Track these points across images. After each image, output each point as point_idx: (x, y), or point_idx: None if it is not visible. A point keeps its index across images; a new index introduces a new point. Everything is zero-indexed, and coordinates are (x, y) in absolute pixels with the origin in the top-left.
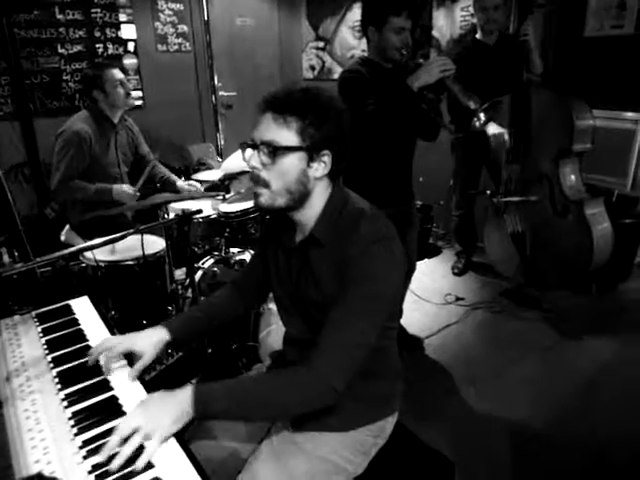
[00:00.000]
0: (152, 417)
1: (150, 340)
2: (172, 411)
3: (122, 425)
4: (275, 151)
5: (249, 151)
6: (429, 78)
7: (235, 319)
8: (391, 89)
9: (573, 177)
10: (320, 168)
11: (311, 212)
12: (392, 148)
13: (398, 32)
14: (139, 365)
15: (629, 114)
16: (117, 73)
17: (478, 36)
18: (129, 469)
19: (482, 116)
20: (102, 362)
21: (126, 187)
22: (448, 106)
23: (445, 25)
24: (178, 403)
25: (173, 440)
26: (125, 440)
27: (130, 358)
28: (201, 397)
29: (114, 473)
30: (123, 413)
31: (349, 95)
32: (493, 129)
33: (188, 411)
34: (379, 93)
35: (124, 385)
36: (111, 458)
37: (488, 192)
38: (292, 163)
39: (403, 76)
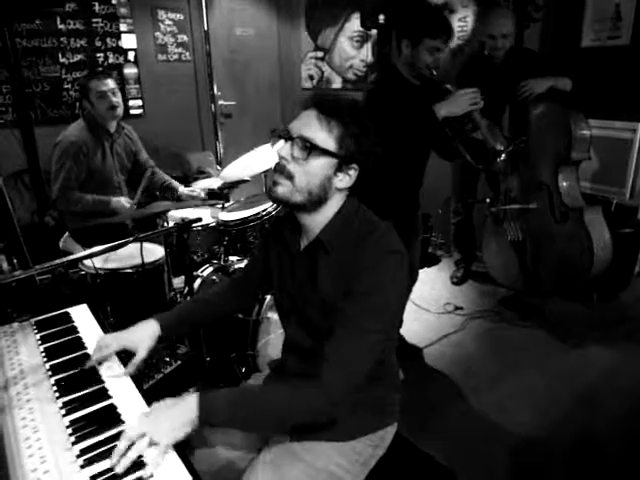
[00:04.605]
0: (159, 424)
1: (143, 335)
2: (178, 419)
3: (130, 431)
4: (311, 149)
5: (280, 142)
6: (457, 109)
7: (228, 314)
8: (416, 111)
9: (572, 185)
10: (345, 180)
11: (320, 218)
12: (408, 161)
13: (432, 52)
14: (135, 361)
15: (627, 123)
16: (102, 84)
17: (486, 52)
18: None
19: (504, 157)
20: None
21: (124, 200)
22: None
23: None
24: (184, 411)
25: (172, 451)
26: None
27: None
28: (206, 407)
29: None
30: (121, 422)
31: (374, 107)
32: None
33: (193, 419)
34: (403, 111)
35: (122, 394)
36: (109, 470)
37: (487, 200)
38: (322, 166)
39: (430, 99)
